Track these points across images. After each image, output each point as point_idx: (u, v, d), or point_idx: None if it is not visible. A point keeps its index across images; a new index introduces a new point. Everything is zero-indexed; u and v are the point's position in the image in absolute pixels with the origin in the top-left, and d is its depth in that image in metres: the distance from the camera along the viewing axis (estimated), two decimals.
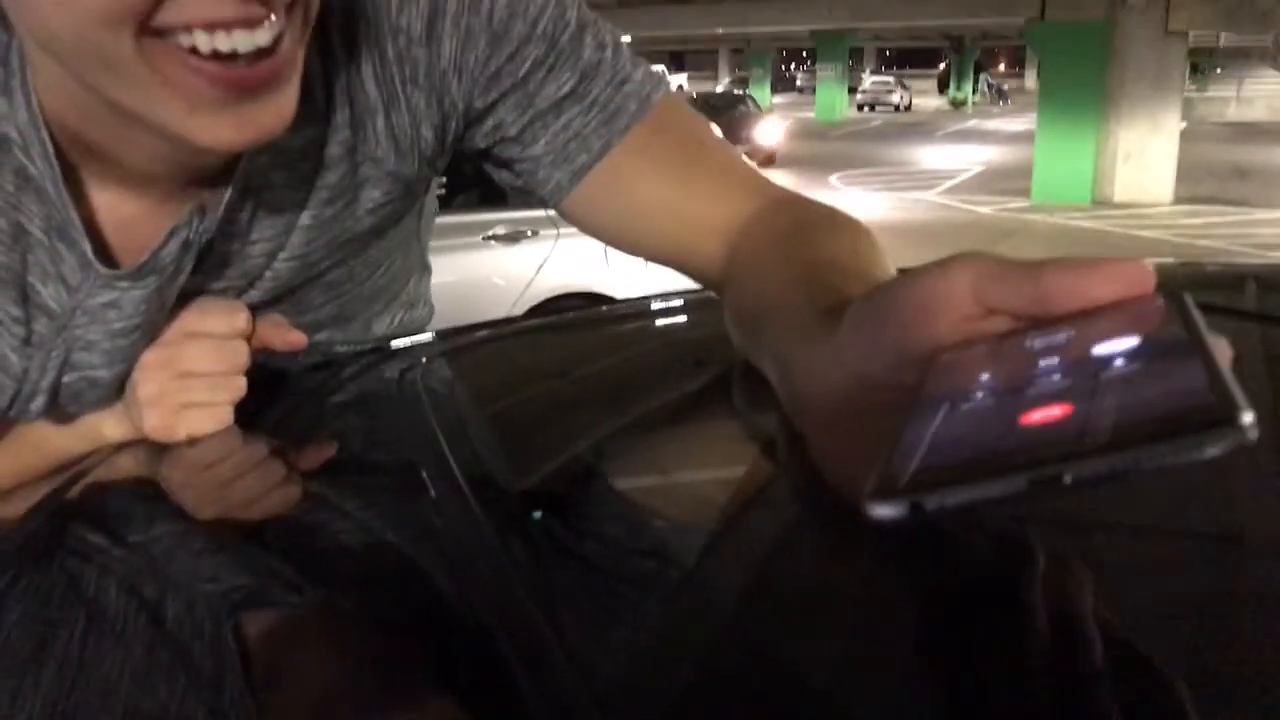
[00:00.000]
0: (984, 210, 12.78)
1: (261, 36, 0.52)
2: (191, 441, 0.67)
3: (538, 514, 0.55)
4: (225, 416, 0.68)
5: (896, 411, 0.37)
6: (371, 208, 0.70)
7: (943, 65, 48.31)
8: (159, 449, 0.68)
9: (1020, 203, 13.35)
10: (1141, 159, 13.56)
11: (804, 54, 58.29)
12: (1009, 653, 0.33)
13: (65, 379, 0.68)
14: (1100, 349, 0.33)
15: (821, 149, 21.09)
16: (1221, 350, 0.32)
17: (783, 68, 57.08)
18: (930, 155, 20.01)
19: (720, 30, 28.74)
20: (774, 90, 43.44)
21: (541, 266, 4.27)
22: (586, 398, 0.82)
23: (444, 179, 0.76)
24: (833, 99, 30.36)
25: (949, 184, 15.30)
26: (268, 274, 0.70)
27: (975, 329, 0.40)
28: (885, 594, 0.40)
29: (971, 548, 0.41)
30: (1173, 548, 0.44)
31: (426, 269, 0.96)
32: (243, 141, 0.55)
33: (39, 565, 0.53)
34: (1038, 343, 0.36)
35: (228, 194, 0.63)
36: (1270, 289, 1.07)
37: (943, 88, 44.92)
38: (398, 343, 0.88)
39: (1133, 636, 0.34)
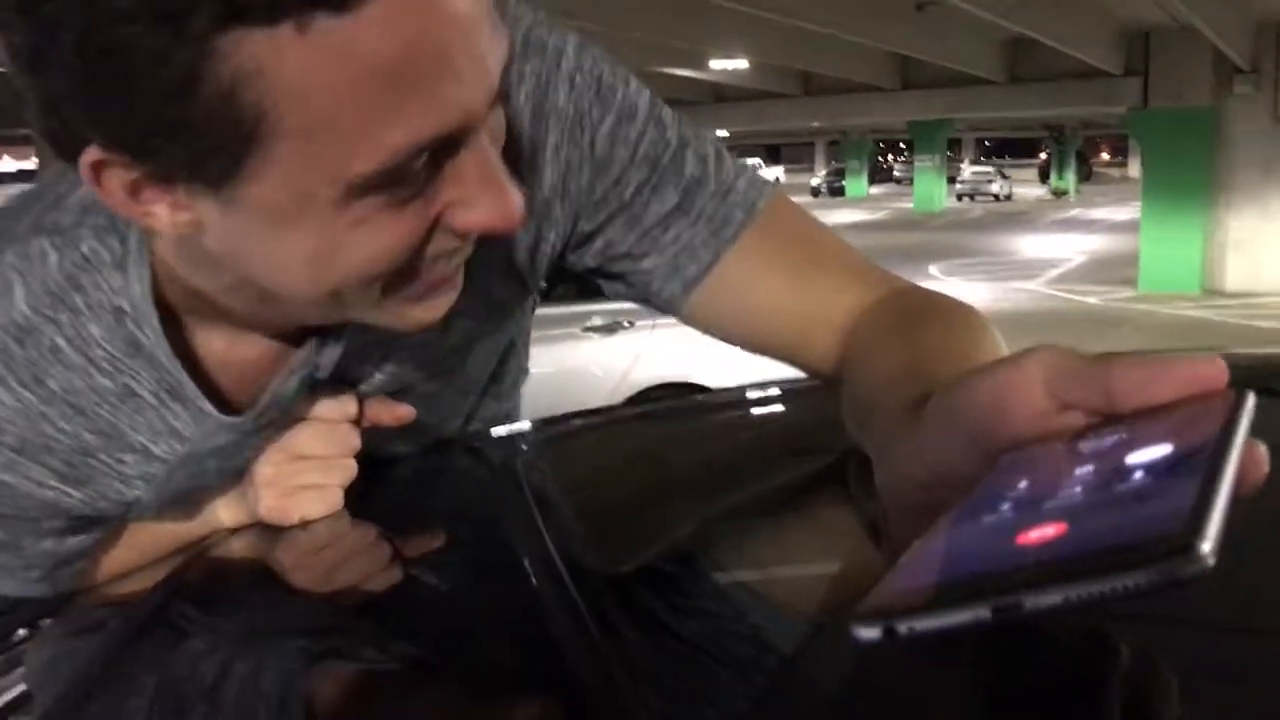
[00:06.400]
0: (1091, 300, 12.49)
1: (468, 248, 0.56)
2: (304, 524, 0.70)
3: (633, 593, 0.55)
4: (336, 499, 0.71)
5: None
6: (463, 334, 0.73)
7: (1043, 155, 47.79)
8: (272, 533, 0.70)
9: (1127, 292, 13.01)
10: (1254, 247, 13.14)
11: (900, 145, 58.31)
12: None
13: (175, 497, 0.70)
14: (1131, 458, 0.33)
15: (921, 239, 20.83)
16: (1254, 459, 0.31)
17: (879, 159, 57.07)
18: (1033, 245, 19.63)
19: (816, 123, 28.99)
20: (871, 181, 43.36)
21: (638, 357, 4.31)
22: (682, 486, 0.82)
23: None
24: (931, 189, 30.19)
25: (1054, 273, 15.01)
26: (363, 387, 0.72)
27: (1051, 424, 0.40)
28: (981, 696, 0.40)
29: (1070, 651, 0.40)
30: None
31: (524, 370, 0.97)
32: (431, 321, 0.59)
33: (146, 640, 0.56)
34: (1088, 447, 0.36)
35: (344, 338, 0.65)
36: None
37: (1043, 177, 44.36)
38: (499, 430, 0.90)
39: None
